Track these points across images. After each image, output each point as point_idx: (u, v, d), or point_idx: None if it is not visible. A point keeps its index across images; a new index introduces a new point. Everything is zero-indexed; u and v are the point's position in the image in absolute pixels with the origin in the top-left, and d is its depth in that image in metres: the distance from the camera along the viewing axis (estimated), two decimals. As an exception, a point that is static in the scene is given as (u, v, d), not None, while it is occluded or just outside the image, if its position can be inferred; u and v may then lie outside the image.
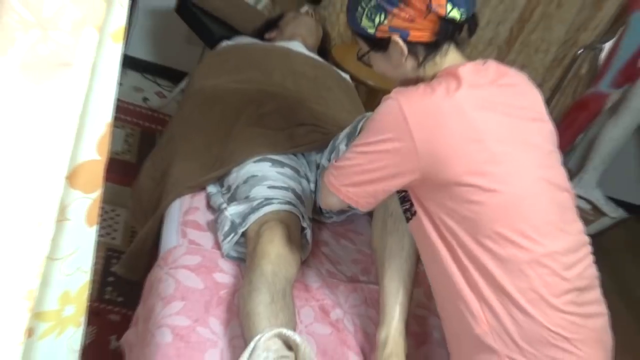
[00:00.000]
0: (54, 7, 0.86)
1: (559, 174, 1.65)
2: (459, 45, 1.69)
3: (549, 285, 1.55)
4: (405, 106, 1.55)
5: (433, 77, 1.65)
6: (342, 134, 2.19)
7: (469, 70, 1.60)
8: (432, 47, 1.64)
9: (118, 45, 0.97)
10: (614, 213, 4.10)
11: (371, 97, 3.43)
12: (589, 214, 3.94)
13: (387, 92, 1.65)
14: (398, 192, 1.71)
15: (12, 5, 0.84)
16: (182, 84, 3.41)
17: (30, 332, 1.12)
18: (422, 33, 1.61)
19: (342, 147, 2.13)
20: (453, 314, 1.67)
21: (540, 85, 3.97)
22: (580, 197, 3.94)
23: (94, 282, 1.12)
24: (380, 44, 1.67)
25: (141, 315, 2.03)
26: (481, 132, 1.54)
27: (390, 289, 1.86)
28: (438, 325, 2.15)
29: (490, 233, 1.54)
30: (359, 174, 1.65)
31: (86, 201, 1.07)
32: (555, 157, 1.67)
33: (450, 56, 1.66)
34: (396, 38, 1.62)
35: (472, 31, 1.68)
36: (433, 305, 2.26)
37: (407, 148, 1.55)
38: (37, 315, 1.13)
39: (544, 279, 1.55)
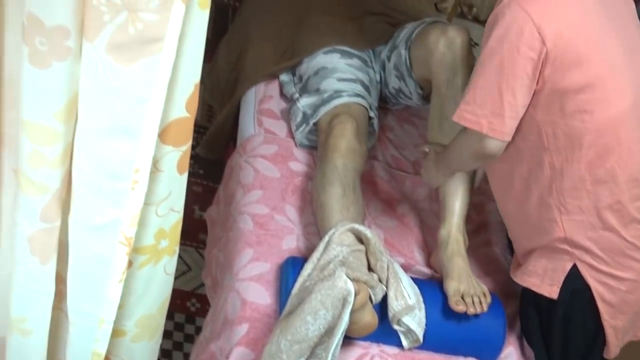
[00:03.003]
0: (142, -11, 0.74)
1: None
2: None
3: (634, 200, 1.49)
4: (530, 9, 1.35)
5: None
6: (402, 35, 2.02)
7: None
8: None
9: (205, 11, 0.85)
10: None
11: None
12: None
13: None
14: None
15: (99, -10, 0.73)
16: (252, -41, 3.17)
17: (129, 264, 1.09)
18: None
19: (402, 51, 1.98)
20: (528, 217, 1.60)
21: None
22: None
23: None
24: None
25: (222, 196, 2.02)
26: (599, 30, 1.40)
27: (450, 188, 1.78)
28: (495, 209, 2.07)
29: (596, 143, 1.43)
30: (497, 97, 1.41)
31: (177, 154, 1.00)
32: None
33: None
34: None
35: None
36: (489, 190, 2.17)
37: (539, 54, 1.37)
38: (136, 249, 1.10)
39: (632, 193, 1.48)
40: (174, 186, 1.04)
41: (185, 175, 1.05)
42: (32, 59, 0.81)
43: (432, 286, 1.72)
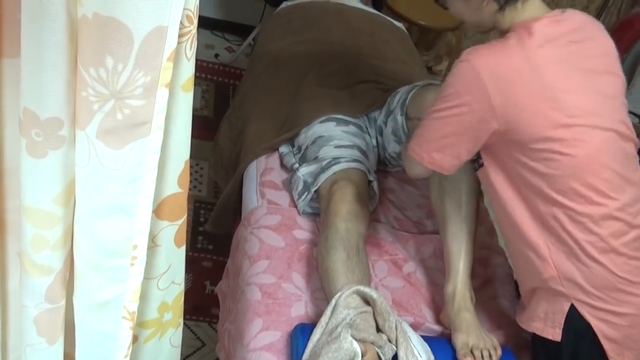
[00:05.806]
0: (124, 78, 0.80)
1: (627, 125, 1.55)
2: None
3: (619, 236, 1.51)
4: (481, 67, 1.43)
5: (509, 27, 1.51)
6: (396, 100, 2.10)
7: (545, 24, 1.48)
8: None
9: (188, 93, 0.91)
10: (661, 124, 3.89)
11: (423, 37, 3.28)
12: (636, 127, 3.75)
13: (437, 31, 1.52)
14: None
15: (87, 82, 0.80)
16: (249, 39, 3.31)
17: (135, 339, 1.13)
18: None
19: (399, 117, 2.06)
20: (521, 258, 1.63)
21: (586, 7, 3.74)
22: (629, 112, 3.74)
23: (186, 232, 1.13)
24: None
25: (231, 269, 2.05)
26: (555, 88, 1.44)
27: (453, 247, 1.82)
28: (501, 263, 2.10)
29: (564, 188, 1.48)
30: (440, 139, 1.55)
31: (173, 228, 1.05)
32: (625, 109, 1.56)
33: (532, 5, 1.51)
34: None
35: None
36: (495, 243, 2.20)
37: (485, 109, 1.45)
38: (141, 324, 1.13)
39: (614, 229, 1.50)
40: (173, 259, 1.09)
41: (184, 248, 1.10)
42: (30, 149, 0.87)
43: (442, 343, 1.73)
